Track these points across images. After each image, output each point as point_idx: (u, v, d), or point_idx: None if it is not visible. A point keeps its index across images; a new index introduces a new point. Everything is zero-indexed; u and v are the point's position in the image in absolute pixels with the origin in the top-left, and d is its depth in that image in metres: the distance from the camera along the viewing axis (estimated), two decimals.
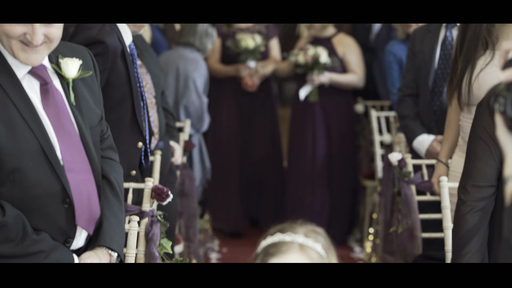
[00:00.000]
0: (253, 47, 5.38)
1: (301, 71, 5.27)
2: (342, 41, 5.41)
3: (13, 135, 2.03)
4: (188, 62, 4.67)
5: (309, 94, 5.33)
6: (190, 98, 4.66)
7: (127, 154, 3.16)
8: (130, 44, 3.18)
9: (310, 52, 5.21)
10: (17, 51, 2.07)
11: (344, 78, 5.33)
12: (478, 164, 2.54)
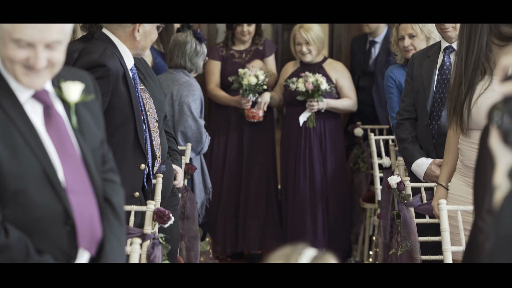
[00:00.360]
0: (255, 84, 5.37)
1: (302, 99, 5.29)
2: (333, 66, 5.50)
3: (16, 158, 2.04)
4: (181, 87, 4.68)
5: (306, 120, 5.38)
6: (186, 124, 4.68)
7: (130, 176, 3.19)
8: (132, 67, 3.23)
9: (311, 80, 5.24)
10: (20, 75, 2.08)
11: (341, 103, 5.42)
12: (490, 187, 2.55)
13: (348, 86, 5.47)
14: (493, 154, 1.35)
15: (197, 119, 4.70)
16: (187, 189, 4.00)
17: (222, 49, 5.68)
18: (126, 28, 3.17)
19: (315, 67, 5.44)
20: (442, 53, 3.76)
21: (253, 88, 5.36)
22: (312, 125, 5.37)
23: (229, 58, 5.62)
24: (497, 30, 2.91)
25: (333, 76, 5.42)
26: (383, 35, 6.08)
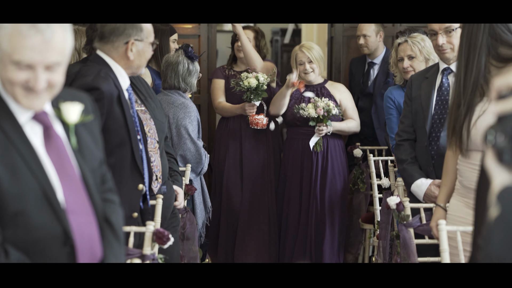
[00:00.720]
0: (255, 86, 5.38)
1: (314, 124, 5.30)
2: (336, 87, 5.52)
3: (16, 179, 2.05)
4: (177, 109, 4.68)
5: (314, 144, 5.38)
6: (185, 147, 4.68)
7: (128, 197, 3.19)
8: (128, 88, 3.24)
9: (321, 105, 5.25)
10: (19, 97, 2.09)
11: (346, 125, 5.43)
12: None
13: (351, 107, 5.49)
14: (488, 173, 1.36)
15: (195, 141, 4.70)
16: (187, 210, 4.00)
17: (225, 69, 5.78)
18: (119, 49, 3.18)
19: (317, 87, 5.45)
20: (441, 74, 3.78)
21: (254, 91, 5.38)
22: (319, 149, 5.36)
23: (231, 78, 5.67)
24: (495, 51, 2.93)
25: (337, 97, 5.44)
26: (382, 57, 6.12)
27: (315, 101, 5.27)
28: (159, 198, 3.35)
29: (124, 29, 3.13)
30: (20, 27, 2.03)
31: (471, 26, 2.91)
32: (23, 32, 2.02)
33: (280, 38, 11.23)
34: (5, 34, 2.04)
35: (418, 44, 4.56)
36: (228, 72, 5.74)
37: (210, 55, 6.75)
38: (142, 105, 3.36)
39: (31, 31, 2.02)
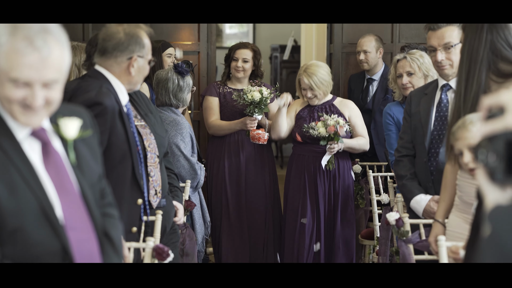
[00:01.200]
0: (259, 99, 5.26)
1: (325, 143, 5.14)
2: (345, 104, 5.35)
3: (14, 195, 2.04)
4: (169, 126, 4.66)
5: (327, 163, 5.22)
6: (179, 164, 4.68)
7: (128, 212, 3.20)
8: (127, 104, 3.25)
9: (331, 123, 5.09)
10: (17, 114, 2.08)
11: (357, 142, 5.26)
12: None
13: (361, 124, 5.33)
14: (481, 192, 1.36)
15: (189, 158, 4.69)
16: (186, 226, 4.00)
17: (219, 86, 5.61)
18: (122, 64, 3.18)
19: (325, 105, 5.31)
20: (440, 90, 3.80)
21: (257, 105, 5.27)
22: (331, 167, 5.22)
23: (227, 95, 5.54)
24: (495, 67, 2.94)
25: (346, 114, 5.29)
26: (381, 73, 6.16)
27: (325, 120, 5.12)
28: (159, 214, 3.35)
29: (128, 45, 3.15)
30: (17, 45, 2.02)
31: (472, 41, 2.92)
32: (20, 49, 2.02)
33: (279, 55, 11.27)
34: (2, 52, 2.03)
35: (417, 61, 4.58)
36: (223, 89, 5.58)
37: (210, 71, 6.77)
38: (142, 120, 3.37)
39: (28, 48, 2.02)
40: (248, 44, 5.65)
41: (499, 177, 1.31)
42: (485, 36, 2.92)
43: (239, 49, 5.54)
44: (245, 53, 5.52)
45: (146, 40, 3.18)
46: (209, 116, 5.53)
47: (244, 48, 5.55)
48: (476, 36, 2.93)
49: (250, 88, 5.31)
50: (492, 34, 2.92)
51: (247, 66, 5.52)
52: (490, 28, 2.92)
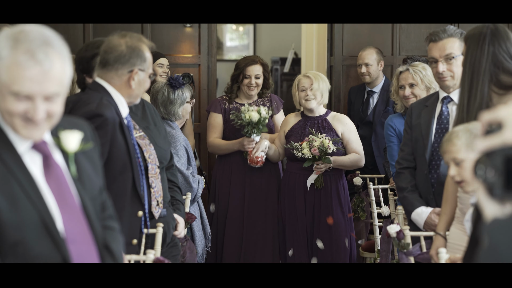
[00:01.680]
0: (257, 120, 5.06)
1: (309, 165, 4.98)
2: (339, 119, 5.17)
3: (15, 209, 2.03)
4: None
5: (314, 182, 5.07)
6: None
7: (128, 223, 3.20)
8: (127, 116, 3.25)
9: (316, 144, 4.93)
10: (19, 127, 2.08)
11: (348, 159, 5.10)
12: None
13: (354, 140, 5.15)
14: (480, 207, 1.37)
15: (183, 171, 4.67)
16: (186, 239, 4.00)
17: (225, 101, 5.45)
18: (123, 77, 3.18)
19: (318, 120, 5.14)
20: (440, 103, 3.79)
21: (255, 125, 5.07)
22: (320, 186, 5.05)
23: (232, 110, 5.38)
24: (496, 78, 2.95)
25: (339, 130, 5.11)
26: (381, 85, 6.18)
27: (310, 140, 4.96)
28: (159, 227, 3.35)
29: (129, 58, 3.15)
30: (18, 58, 2.02)
31: (474, 53, 2.93)
32: (22, 63, 2.02)
33: (280, 67, 11.29)
34: (4, 65, 2.03)
35: (420, 73, 4.59)
36: (229, 105, 5.43)
37: (210, 84, 6.79)
38: (140, 131, 3.37)
39: (29, 62, 2.02)
40: (256, 59, 5.47)
41: (498, 192, 1.32)
42: (487, 48, 2.93)
43: (250, 66, 5.37)
44: (257, 69, 5.38)
45: (147, 53, 3.18)
46: (210, 134, 5.42)
47: (254, 64, 5.38)
48: (478, 48, 2.94)
49: (248, 107, 5.12)
50: (494, 46, 2.93)
51: (260, 81, 5.40)
52: (492, 40, 2.93)
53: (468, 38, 3.03)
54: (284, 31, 11.75)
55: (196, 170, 4.99)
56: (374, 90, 6.19)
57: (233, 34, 12.40)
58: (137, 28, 6.56)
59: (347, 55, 6.88)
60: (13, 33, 2.05)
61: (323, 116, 5.17)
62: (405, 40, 6.90)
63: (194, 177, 4.82)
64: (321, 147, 4.89)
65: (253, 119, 5.05)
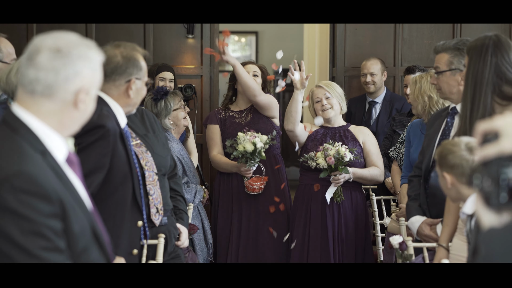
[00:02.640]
0: (251, 151, 4.77)
1: (325, 175, 4.67)
2: (360, 130, 4.98)
3: (76, 218, 2.01)
4: None
5: (333, 195, 4.76)
6: None
7: (128, 234, 3.19)
8: (125, 126, 3.26)
9: (332, 152, 4.63)
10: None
11: (368, 172, 4.84)
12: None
13: (375, 152, 4.93)
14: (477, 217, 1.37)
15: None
16: (189, 250, 3.99)
17: (220, 111, 5.25)
18: (120, 87, 3.18)
19: (340, 130, 4.93)
20: (448, 114, 3.76)
21: (250, 156, 4.78)
22: (340, 200, 4.74)
23: (228, 119, 5.20)
24: (499, 89, 2.95)
25: (361, 140, 4.90)
26: (383, 96, 6.20)
27: (325, 149, 4.67)
28: (161, 238, 3.34)
29: (126, 68, 3.16)
30: (97, 65, 2.05)
31: (477, 64, 2.93)
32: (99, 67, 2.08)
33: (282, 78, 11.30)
34: (91, 68, 2.05)
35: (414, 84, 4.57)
36: (225, 114, 5.22)
37: (213, 95, 6.79)
38: (137, 139, 3.38)
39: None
40: (253, 61, 5.44)
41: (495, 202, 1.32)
42: (490, 59, 2.93)
43: (247, 65, 5.26)
44: (254, 67, 5.26)
45: (142, 62, 3.20)
46: (211, 149, 5.21)
47: (251, 63, 5.31)
48: (481, 59, 2.94)
49: (242, 136, 4.84)
50: (496, 57, 2.93)
51: (258, 80, 5.20)
52: (494, 51, 2.93)
53: (471, 49, 3.02)
54: (286, 42, 11.77)
55: (196, 181, 4.98)
56: (376, 100, 6.21)
57: (235, 45, 12.42)
58: (140, 40, 6.58)
59: (349, 66, 6.89)
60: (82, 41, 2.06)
61: (345, 127, 4.97)
62: (407, 51, 6.90)
63: (188, 187, 4.81)
64: (337, 155, 4.61)
65: (248, 150, 4.77)
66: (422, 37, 6.88)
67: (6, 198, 1.86)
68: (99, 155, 3.07)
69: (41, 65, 1.98)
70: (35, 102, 2.00)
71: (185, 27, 6.73)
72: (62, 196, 1.96)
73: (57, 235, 1.93)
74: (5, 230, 1.86)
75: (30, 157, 1.95)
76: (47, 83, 1.98)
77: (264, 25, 11.86)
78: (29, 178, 1.90)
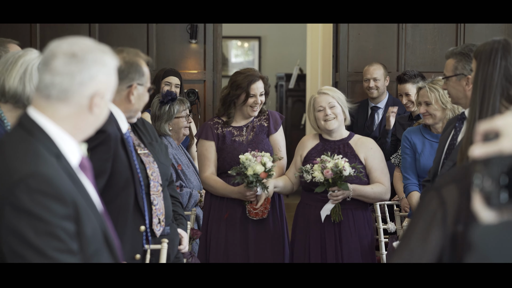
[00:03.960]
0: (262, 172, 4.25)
1: (321, 190, 4.22)
2: (363, 142, 4.47)
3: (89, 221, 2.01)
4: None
5: (330, 213, 4.32)
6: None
7: (131, 239, 3.19)
8: (126, 132, 3.26)
9: (329, 165, 4.17)
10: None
11: (371, 190, 4.41)
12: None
13: (379, 168, 4.44)
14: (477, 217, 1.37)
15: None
16: (191, 254, 3.98)
17: (217, 126, 4.60)
18: (122, 92, 3.18)
19: (339, 144, 4.45)
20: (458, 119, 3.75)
21: (261, 179, 4.25)
22: (338, 219, 4.30)
23: (226, 136, 4.57)
24: (507, 93, 2.95)
25: (362, 155, 4.40)
26: (385, 101, 6.21)
27: (322, 161, 4.21)
28: (164, 243, 3.34)
29: (128, 73, 3.16)
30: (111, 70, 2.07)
31: (486, 67, 2.93)
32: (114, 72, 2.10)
33: (285, 83, 11.31)
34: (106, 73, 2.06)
35: (436, 92, 4.53)
36: (222, 129, 4.59)
37: (215, 100, 6.79)
38: (145, 149, 3.37)
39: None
40: (257, 74, 4.62)
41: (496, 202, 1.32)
42: (499, 62, 2.93)
43: (254, 83, 4.54)
44: (261, 86, 4.57)
45: (145, 68, 3.20)
46: (204, 168, 4.57)
47: (258, 81, 4.55)
48: (490, 62, 2.94)
49: (249, 158, 4.26)
50: (506, 60, 2.93)
51: (263, 99, 4.62)
52: (504, 54, 2.93)
53: (479, 53, 3.02)
54: (289, 47, 11.78)
55: (193, 185, 4.95)
56: (378, 105, 6.22)
57: (238, 50, 12.44)
58: (143, 45, 6.58)
59: (352, 71, 6.89)
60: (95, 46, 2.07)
61: (345, 140, 4.47)
62: (411, 57, 6.90)
63: (181, 191, 4.80)
64: (335, 169, 4.16)
65: (258, 173, 4.21)
66: (426, 42, 6.88)
67: (21, 199, 1.87)
68: (100, 160, 3.07)
69: (56, 70, 1.99)
70: (50, 106, 2.01)
71: (188, 31, 6.73)
72: (76, 198, 1.96)
73: (71, 237, 1.93)
74: (20, 231, 1.87)
75: (45, 159, 1.96)
76: (63, 87, 1.99)
77: (267, 30, 11.88)
78: (44, 179, 1.91)
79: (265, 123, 4.65)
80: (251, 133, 4.60)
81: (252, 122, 4.64)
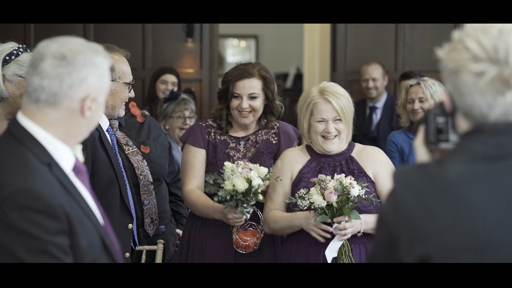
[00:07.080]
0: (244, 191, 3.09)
1: (323, 220, 2.98)
2: (369, 154, 3.25)
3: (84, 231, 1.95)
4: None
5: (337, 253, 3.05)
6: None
7: (119, 237, 3.15)
8: (108, 128, 3.22)
9: (331, 185, 2.96)
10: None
11: None
12: None
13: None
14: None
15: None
16: None
17: (210, 130, 3.47)
18: None
19: (340, 160, 3.22)
20: None
21: (242, 198, 3.10)
22: (348, 261, 3.04)
23: (218, 146, 3.45)
24: None
25: (370, 171, 3.19)
26: (384, 101, 6.19)
27: (321, 181, 2.99)
28: (160, 244, 3.32)
29: None
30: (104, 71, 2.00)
31: None
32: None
33: (282, 83, 11.29)
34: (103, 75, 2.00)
35: (430, 88, 4.54)
36: (215, 135, 3.46)
37: (212, 99, 6.75)
38: (133, 147, 3.34)
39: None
40: (252, 69, 3.46)
41: (432, 139, 1.56)
42: None
43: (241, 80, 3.42)
44: (252, 85, 3.41)
45: (120, 63, 3.19)
46: (188, 179, 3.43)
47: (248, 78, 3.42)
48: None
49: (231, 167, 3.12)
50: None
51: (256, 104, 3.41)
52: None
53: None
54: (286, 46, 11.75)
55: None
56: (376, 105, 6.20)
57: (235, 49, 12.41)
58: (139, 44, 6.54)
59: (350, 70, 6.86)
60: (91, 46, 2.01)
61: (346, 154, 3.24)
62: (409, 56, 6.87)
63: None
64: (340, 188, 2.97)
65: (239, 190, 3.08)
66: (424, 41, 6.84)
67: (11, 216, 1.81)
68: None
69: (45, 72, 1.90)
70: (40, 111, 1.93)
71: (184, 30, 6.69)
72: (69, 211, 1.90)
73: (64, 252, 1.87)
74: (10, 249, 1.81)
75: (37, 171, 1.89)
76: (52, 91, 1.91)
77: (264, 29, 11.85)
78: (34, 195, 1.84)
79: (274, 140, 3.52)
80: (251, 149, 3.48)
81: (255, 134, 3.51)
